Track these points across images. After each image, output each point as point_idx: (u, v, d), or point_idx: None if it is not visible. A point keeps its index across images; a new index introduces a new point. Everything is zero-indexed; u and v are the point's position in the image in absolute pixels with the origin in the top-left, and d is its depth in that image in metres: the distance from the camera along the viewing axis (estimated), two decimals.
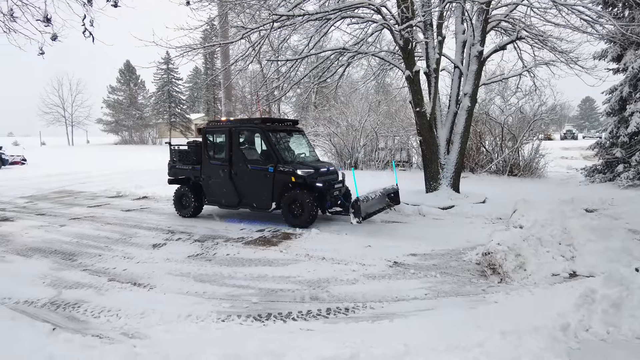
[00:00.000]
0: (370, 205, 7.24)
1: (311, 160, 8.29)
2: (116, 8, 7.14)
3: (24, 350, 3.16)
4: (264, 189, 7.59)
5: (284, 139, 8.12)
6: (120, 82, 54.86)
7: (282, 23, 7.66)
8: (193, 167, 8.48)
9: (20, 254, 6.09)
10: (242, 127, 8.13)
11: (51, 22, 7.11)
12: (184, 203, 8.57)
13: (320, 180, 7.40)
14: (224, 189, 8.06)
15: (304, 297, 4.25)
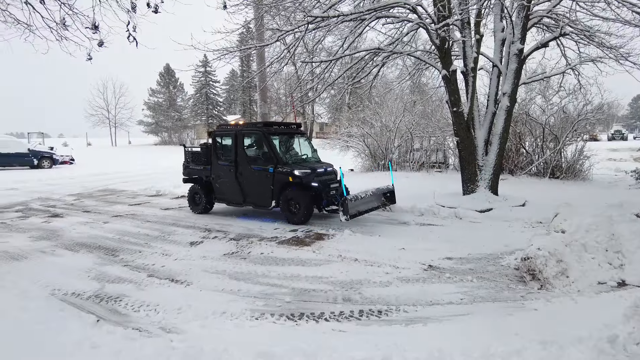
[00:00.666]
0: (361, 204, 7.58)
1: (311, 161, 8.68)
2: (157, 14, 7.41)
3: (72, 339, 3.34)
4: (265, 188, 8.04)
5: (285, 141, 8.69)
6: (160, 84, 56.80)
7: (316, 24, 7.70)
8: (204, 167, 9.03)
9: (69, 249, 6.44)
10: (246, 130, 8.61)
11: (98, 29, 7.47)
12: (197, 201, 9.15)
13: (316, 180, 7.81)
14: (230, 188, 8.57)
15: (336, 298, 4.25)
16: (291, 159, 8.32)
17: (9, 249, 6.44)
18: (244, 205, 8.62)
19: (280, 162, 7.95)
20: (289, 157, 8.36)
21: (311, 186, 7.77)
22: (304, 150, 8.96)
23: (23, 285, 4.72)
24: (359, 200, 7.53)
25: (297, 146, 8.93)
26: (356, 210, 7.42)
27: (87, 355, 3.11)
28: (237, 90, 57.27)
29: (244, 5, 8.49)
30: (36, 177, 17.92)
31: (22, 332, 3.47)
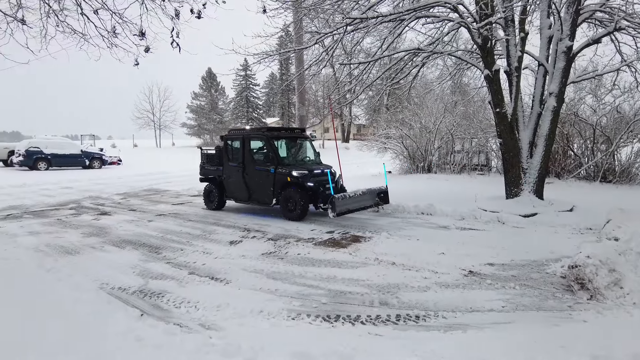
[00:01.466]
0: (349, 203, 8.12)
1: (311, 163, 9.30)
2: (199, 19, 7.67)
3: (118, 331, 3.51)
4: (267, 187, 8.78)
5: (287, 144, 9.39)
6: (203, 88, 58.57)
7: (355, 26, 7.69)
8: (217, 167, 9.88)
9: (116, 245, 6.77)
10: (252, 134, 9.34)
11: (145, 36, 7.82)
12: (211, 198, 9.96)
13: (312, 181, 8.41)
14: (238, 186, 9.37)
15: (373, 301, 4.22)
16: (292, 161, 9.06)
17: (64, 243, 6.86)
18: (249, 202, 9.34)
19: (281, 164, 8.66)
20: (291, 159, 9.10)
21: (307, 186, 8.36)
22: (307, 153, 9.63)
23: (76, 278, 5.01)
24: (348, 199, 8.06)
25: (300, 149, 9.60)
26: (346, 208, 8.00)
27: (131, 346, 3.25)
28: (276, 93, 58.15)
29: (283, 9, 8.61)
30: (87, 177, 18.99)
31: (75, 321, 3.68)
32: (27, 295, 4.37)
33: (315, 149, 9.93)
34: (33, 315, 3.83)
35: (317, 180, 8.48)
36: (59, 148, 23.89)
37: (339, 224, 7.88)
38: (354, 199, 8.22)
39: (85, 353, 3.14)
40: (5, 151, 25.57)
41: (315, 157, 9.67)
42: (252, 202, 9.26)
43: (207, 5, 7.63)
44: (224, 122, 56.31)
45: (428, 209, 8.69)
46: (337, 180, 9.08)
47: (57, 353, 3.13)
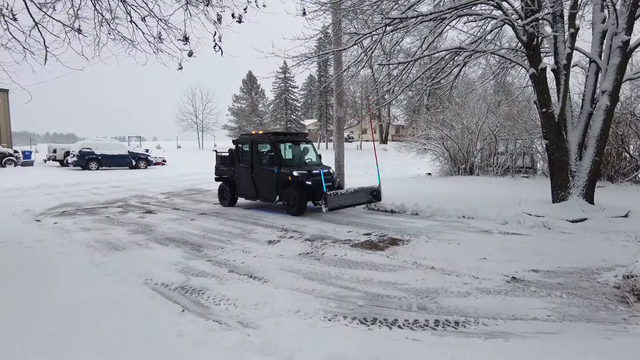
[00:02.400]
0: (342, 199, 8.99)
1: (312, 164, 10.17)
2: (240, 24, 7.84)
3: (160, 325, 3.65)
4: (272, 185, 9.68)
5: (290, 147, 10.45)
6: (243, 91, 59.86)
7: (394, 26, 7.60)
8: (229, 168, 10.89)
9: (159, 243, 7.04)
10: (259, 139, 10.29)
11: (188, 41, 8.09)
12: (224, 195, 10.98)
13: (311, 180, 9.21)
14: (247, 185, 10.33)
15: (410, 305, 4.14)
16: (294, 162, 10.05)
17: (112, 240, 7.22)
18: (256, 199, 10.28)
19: (283, 165, 9.58)
20: (293, 161, 10.15)
21: (306, 185, 9.22)
22: (308, 155, 10.65)
23: (123, 273, 5.26)
24: (339, 196, 8.94)
25: (302, 152, 10.62)
26: (338, 203, 8.90)
27: (173, 341, 3.37)
28: (314, 95, 58.47)
29: (322, 11, 8.64)
30: (134, 177, 19.89)
31: (121, 314, 3.87)
32: (79, 287, 4.64)
33: (317, 152, 10.86)
34: (84, 307, 4.05)
35: (315, 179, 9.24)
36: (109, 149, 25.22)
37: (376, 226, 7.82)
38: (345, 195, 9.11)
39: (131, 345, 3.29)
40: (62, 152, 27.32)
41: (316, 159, 10.59)
42: (259, 198, 10.20)
43: (247, 9, 7.80)
44: (263, 124, 57.31)
45: (469, 213, 8.44)
46: (335, 179, 10.05)
47: (105, 344, 3.29)
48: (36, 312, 3.88)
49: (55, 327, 3.57)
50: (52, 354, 3.10)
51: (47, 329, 3.52)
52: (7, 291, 4.39)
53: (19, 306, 4.01)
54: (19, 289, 4.49)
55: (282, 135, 10.65)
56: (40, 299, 4.24)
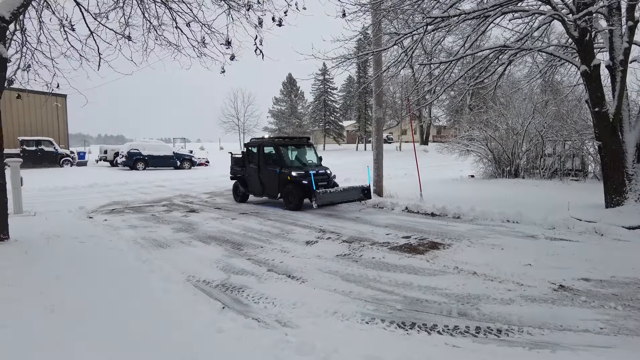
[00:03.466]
0: (331, 196, 9.98)
1: (311, 165, 11.10)
2: (280, 27, 7.96)
3: (201, 321, 3.75)
4: (274, 183, 10.83)
5: (292, 150, 11.57)
6: (283, 93, 60.64)
7: (436, 25, 7.45)
8: (242, 168, 12.06)
9: (202, 241, 7.26)
10: (265, 142, 11.58)
11: (231, 45, 8.30)
12: (238, 192, 12.22)
13: (307, 179, 10.21)
14: (255, 183, 11.54)
15: (450, 311, 4.04)
16: (294, 164, 11.10)
17: (157, 237, 7.53)
18: (262, 196, 11.53)
19: (284, 166, 10.71)
20: (293, 162, 11.19)
21: (302, 184, 10.26)
22: (309, 157, 11.71)
23: (167, 269, 5.47)
24: (328, 194, 9.92)
25: (302, 154, 11.68)
26: (328, 200, 9.90)
27: (213, 337, 3.46)
28: (353, 96, 58.32)
29: (362, 12, 8.62)
30: (178, 177, 20.64)
31: (164, 309, 4.02)
32: (125, 282, 4.86)
33: (317, 154, 11.93)
34: (130, 301, 4.24)
35: (317, 179, 10.33)
36: (155, 150, 26.35)
37: (415, 229, 7.68)
38: (334, 193, 10.12)
39: (174, 340, 3.41)
40: (112, 153, 28.90)
41: (317, 161, 11.64)
42: (265, 195, 11.43)
43: (287, 12, 7.91)
44: (302, 126, 57.77)
45: (514, 217, 8.11)
46: (330, 179, 11.06)
47: (149, 337, 3.43)
48: (86, 304, 4.10)
49: (104, 318, 3.76)
50: (101, 342, 3.27)
51: (97, 319, 3.71)
52: (63, 283, 4.67)
53: (71, 297, 4.26)
54: (73, 281, 4.78)
55: (285, 139, 12.15)
56: (90, 291, 4.48)
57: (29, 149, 25.61)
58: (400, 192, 11.57)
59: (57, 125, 29.90)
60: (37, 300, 4.12)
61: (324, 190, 9.91)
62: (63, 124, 30.37)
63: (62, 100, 29.17)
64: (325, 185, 10.59)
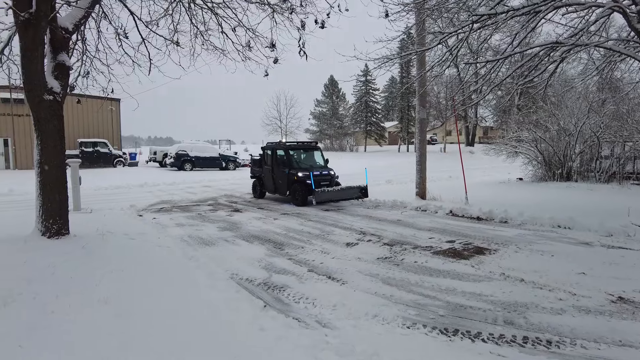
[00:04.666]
0: (327, 195, 11.43)
1: (316, 167, 12.43)
2: (323, 29, 8.00)
3: (243, 319, 3.84)
4: (284, 182, 12.17)
5: (300, 153, 12.95)
6: (325, 95, 60.85)
7: (482, 23, 7.21)
8: (259, 168, 13.51)
9: (245, 240, 7.43)
10: (277, 146, 13.04)
11: (275, 48, 8.45)
12: (256, 190, 13.74)
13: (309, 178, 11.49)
14: (269, 182, 12.96)
15: (496, 318, 3.89)
16: (301, 165, 12.38)
17: (203, 235, 7.79)
18: (275, 193, 12.89)
19: (292, 167, 12.03)
20: (301, 164, 12.48)
21: (307, 183, 11.46)
22: (316, 160, 13.02)
23: (212, 267, 5.65)
24: (326, 193, 11.38)
25: (309, 157, 13.06)
26: (326, 198, 11.40)
27: (255, 335, 3.53)
28: (396, 97, 57.56)
29: (405, 12, 8.49)
30: (223, 177, 21.23)
31: (209, 305, 4.14)
32: (172, 278, 5.07)
33: (323, 157, 13.25)
34: (176, 295, 4.42)
35: (316, 179, 11.63)
36: (202, 151, 27.30)
37: (460, 234, 7.46)
38: (331, 192, 11.54)
39: (217, 336, 3.51)
40: (161, 154, 30.25)
41: (323, 163, 12.95)
42: (277, 193, 12.76)
43: (330, 14, 7.94)
44: (343, 128, 57.72)
45: (566, 222, 7.69)
46: (332, 179, 12.34)
47: (194, 331, 3.55)
48: (136, 297, 4.31)
49: (152, 311, 3.94)
50: (148, 332, 3.43)
51: (146, 312, 3.89)
52: (116, 277, 4.94)
53: (123, 290, 4.49)
54: (124, 275, 5.04)
55: (294, 143, 13.81)
56: (140, 285, 4.71)
57: (87, 150, 27.32)
58: (444, 195, 11.29)
59: (111, 127, 31.66)
60: (93, 292, 4.38)
61: (322, 189, 11.36)
62: (116, 127, 32.11)
63: (116, 104, 30.85)
64: (327, 185, 12.00)
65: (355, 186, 12.08)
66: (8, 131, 27.55)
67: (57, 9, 6.76)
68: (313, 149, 13.36)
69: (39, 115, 6.56)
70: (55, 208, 6.72)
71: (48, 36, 6.71)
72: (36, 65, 6.41)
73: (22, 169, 26.42)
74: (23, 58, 6.38)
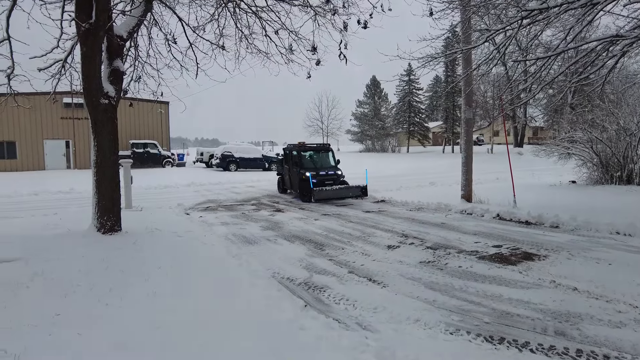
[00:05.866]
0: (326, 194, 12.60)
1: (326, 168, 13.71)
2: (365, 29, 7.96)
3: (284, 318, 3.89)
4: (297, 181, 13.44)
5: (311, 155, 14.30)
6: (367, 96, 60.47)
7: (532, 19, 6.89)
8: (282, 167, 15.15)
9: (286, 239, 7.53)
10: (293, 148, 14.18)
11: (316, 50, 8.51)
12: (279, 186, 15.41)
13: (315, 178, 12.81)
14: (287, 180, 14.54)
15: (546, 328, 3.69)
16: (311, 166, 13.70)
17: (246, 234, 7.98)
18: (291, 189, 14.32)
19: (302, 167, 13.42)
20: (310, 164, 13.81)
21: (312, 182, 12.63)
22: (327, 161, 14.29)
23: (254, 265, 5.77)
24: (324, 191, 12.55)
25: (319, 158, 14.31)
26: (325, 196, 12.59)
27: (295, 334, 3.56)
28: (440, 96, 56.21)
29: (450, 9, 8.28)
30: (266, 178, 21.60)
31: (250, 303, 4.23)
32: (217, 275, 5.22)
33: (334, 158, 14.39)
34: (220, 292, 4.54)
35: (320, 178, 13.02)
36: (246, 153, 27.99)
37: (507, 238, 7.16)
38: (330, 191, 12.67)
39: (259, 333, 3.58)
40: (207, 155, 31.34)
41: (334, 163, 14.14)
42: (292, 189, 14.28)
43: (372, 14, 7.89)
44: (385, 128, 57.10)
45: (626, 229, 7.19)
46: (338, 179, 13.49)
47: (237, 327, 3.64)
48: (182, 292, 4.48)
49: (197, 305, 4.08)
50: (192, 326, 3.55)
51: (191, 306, 4.03)
52: (164, 272, 5.16)
53: (169, 285, 4.68)
54: (171, 270, 5.25)
55: (306, 145, 14.74)
56: (185, 281, 4.89)
57: (138, 151, 28.75)
58: (491, 198, 10.89)
59: (161, 129, 33.14)
60: (142, 286, 4.60)
61: (321, 188, 12.63)
62: (165, 129, 33.57)
63: (165, 107, 32.25)
64: (331, 184, 13.21)
65: (356, 186, 13.28)
66: (69, 133, 29.56)
67: (113, 19, 7.17)
68: (325, 151, 14.63)
69: (96, 118, 6.98)
70: (109, 206, 7.13)
71: (105, 44, 7.14)
72: (94, 72, 6.83)
73: (81, 169, 28.23)
74: (83, 65, 6.82)
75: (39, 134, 28.93)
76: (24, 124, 28.21)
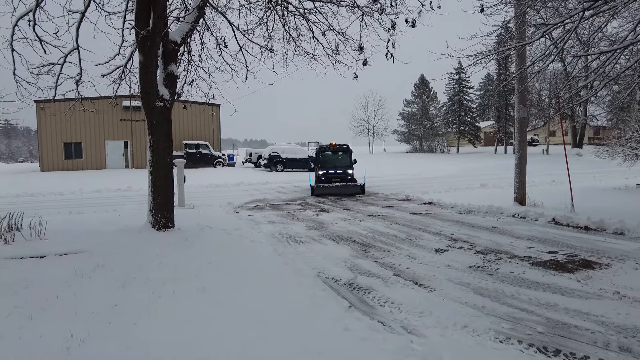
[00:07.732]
0: (325, 190, 14.67)
1: (340, 167, 15.37)
2: (414, 28, 7.83)
3: (328, 317, 3.90)
4: (315, 178, 15.41)
5: (330, 155, 16.13)
6: (415, 95, 59.27)
7: (596, 10, 6.47)
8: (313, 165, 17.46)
9: (331, 239, 7.56)
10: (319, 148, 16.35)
11: (363, 50, 8.48)
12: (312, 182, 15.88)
13: (325, 175, 14.99)
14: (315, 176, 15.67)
15: (608, 342, 3.44)
16: (327, 165, 15.60)
17: (292, 233, 8.09)
18: (316, 183, 15.13)
19: (319, 166, 15.60)
20: (327, 164, 15.70)
21: (321, 179, 14.95)
22: (344, 161, 15.82)
23: (299, 264, 5.84)
24: (323, 188, 14.62)
25: (336, 158, 15.99)
26: (324, 192, 14.66)
27: (340, 335, 3.57)
28: (492, 95, 54.00)
29: (503, 4, 7.95)
30: None
31: (295, 302, 4.29)
32: (263, 272, 5.34)
33: (351, 158, 15.82)
34: (267, 289, 4.64)
35: (329, 176, 14.98)
36: (292, 153, 28.41)
37: (564, 244, 6.76)
38: (328, 188, 14.62)
39: (302, 332, 3.62)
40: (256, 155, 32.19)
41: (349, 163, 15.62)
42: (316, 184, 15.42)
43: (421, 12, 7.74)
44: (434, 128, 55.70)
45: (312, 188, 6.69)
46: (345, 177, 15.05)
47: (281, 324, 3.70)
48: (230, 288, 4.62)
49: (244, 301, 4.19)
50: (239, 322, 3.65)
51: (238, 302, 4.15)
52: (213, 268, 5.35)
53: (219, 281, 4.85)
54: (221, 267, 5.43)
55: (326, 146, 16.37)
56: (233, 277, 5.04)
57: (190, 152, 30.01)
58: (546, 201, 10.33)
59: (212, 130, 34.41)
60: (193, 281, 4.80)
61: (320, 185, 14.69)
62: (216, 130, 34.80)
63: (216, 109, 33.44)
64: (338, 181, 14.83)
65: (354, 184, 14.71)
66: (127, 135, 31.43)
67: (168, 25, 7.54)
68: (343, 151, 16.11)
69: (152, 120, 7.37)
70: (163, 203, 7.49)
71: (160, 49, 7.51)
72: (151, 76, 7.21)
73: (138, 168, 29.90)
74: (141, 70, 7.22)
75: (102, 135, 31.02)
76: (89, 126, 30.36)
